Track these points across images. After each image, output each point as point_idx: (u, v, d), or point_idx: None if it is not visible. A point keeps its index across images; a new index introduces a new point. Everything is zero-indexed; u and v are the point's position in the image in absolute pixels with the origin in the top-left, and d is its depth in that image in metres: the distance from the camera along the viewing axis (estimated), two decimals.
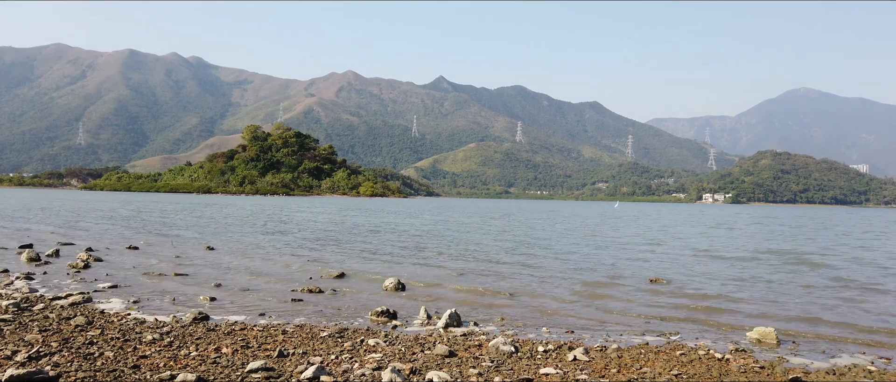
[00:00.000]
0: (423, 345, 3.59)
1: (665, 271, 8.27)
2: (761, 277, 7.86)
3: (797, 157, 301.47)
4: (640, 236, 16.72)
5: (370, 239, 13.19)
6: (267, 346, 3.40)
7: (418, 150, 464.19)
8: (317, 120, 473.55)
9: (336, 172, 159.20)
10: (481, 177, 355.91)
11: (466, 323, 4.40)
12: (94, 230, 13.91)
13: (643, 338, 4.10)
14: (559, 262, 9.16)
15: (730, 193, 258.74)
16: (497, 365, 3.17)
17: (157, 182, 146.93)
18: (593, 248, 12.00)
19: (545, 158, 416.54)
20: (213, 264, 7.81)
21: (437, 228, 18.07)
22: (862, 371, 3.34)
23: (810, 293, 6.52)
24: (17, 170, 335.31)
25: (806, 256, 11.34)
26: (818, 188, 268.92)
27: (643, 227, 22.45)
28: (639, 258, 10.17)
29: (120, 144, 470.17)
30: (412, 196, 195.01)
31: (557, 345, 3.73)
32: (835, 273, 8.56)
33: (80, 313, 4.17)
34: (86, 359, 2.93)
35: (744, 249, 12.76)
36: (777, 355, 3.69)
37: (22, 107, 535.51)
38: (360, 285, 6.32)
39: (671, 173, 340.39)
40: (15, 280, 5.79)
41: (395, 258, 9.39)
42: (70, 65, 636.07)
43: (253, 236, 13.01)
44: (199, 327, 3.92)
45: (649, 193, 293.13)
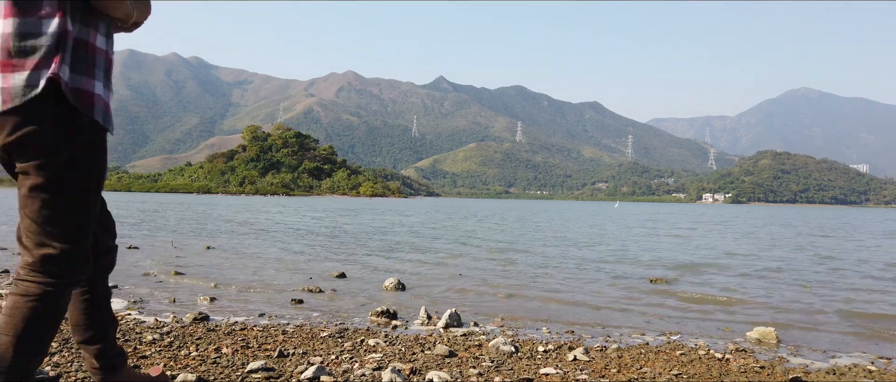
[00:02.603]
0: (423, 345, 3.59)
1: (665, 271, 8.27)
2: (762, 277, 7.87)
3: (797, 157, 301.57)
4: (640, 236, 16.74)
5: (371, 238, 13.20)
6: (267, 346, 3.40)
7: (418, 150, 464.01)
8: (317, 120, 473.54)
9: (336, 172, 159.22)
10: (481, 177, 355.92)
11: (466, 323, 4.40)
12: None
13: (643, 338, 4.10)
14: (559, 262, 9.17)
15: (730, 193, 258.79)
16: (497, 365, 3.17)
17: (157, 182, 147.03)
18: (594, 248, 12.00)
19: (545, 158, 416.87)
20: (212, 264, 7.82)
21: (438, 228, 18.08)
22: (862, 370, 3.34)
23: (811, 293, 6.52)
24: None
25: (806, 256, 11.35)
26: (818, 188, 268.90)
27: (643, 227, 22.47)
28: (639, 258, 10.18)
29: (120, 144, 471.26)
30: (412, 196, 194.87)
31: (557, 345, 3.73)
32: (836, 273, 8.57)
33: None
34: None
35: (744, 249, 12.77)
36: (777, 355, 3.70)
37: None
38: (360, 285, 6.33)
39: (671, 173, 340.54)
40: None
41: (396, 258, 9.40)
42: None
43: (253, 236, 13.03)
44: (199, 327, 3.92)
45: (649, 193, 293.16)
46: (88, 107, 1.62)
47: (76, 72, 1.60)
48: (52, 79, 1.54)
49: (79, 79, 1.61)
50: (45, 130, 1.55)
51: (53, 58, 1.55)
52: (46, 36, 1.55)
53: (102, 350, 1.97)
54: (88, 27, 1.64)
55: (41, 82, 1.54)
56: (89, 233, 1.71)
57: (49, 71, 1.55)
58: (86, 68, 1.63)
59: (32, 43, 1.54)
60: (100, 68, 1.67)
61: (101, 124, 1.65)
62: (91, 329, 1.94)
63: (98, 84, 1.65)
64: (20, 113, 1.54)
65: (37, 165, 1.57)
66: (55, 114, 1.56)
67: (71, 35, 1.58)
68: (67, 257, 1.66)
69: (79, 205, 1.65)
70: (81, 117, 1.61)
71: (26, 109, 1.54)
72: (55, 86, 1.56)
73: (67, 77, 1.58)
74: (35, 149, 1.56)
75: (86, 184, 1.65)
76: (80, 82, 1.61)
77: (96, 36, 1.66)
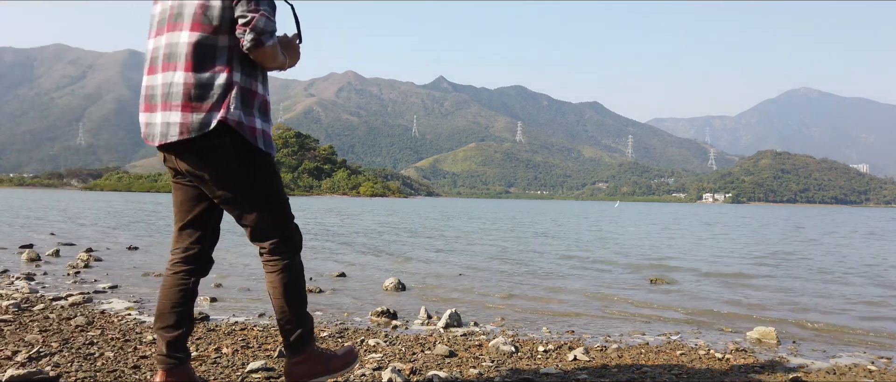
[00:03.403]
0: (423, 345, 3.59)
1: (665, 271, 8.27)
2: (762, 277, 7.87)
3: (797, 157, 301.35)
4: (640, 236, 16.74)
5: (371, 238, 13.20)
6: (267, 346, 3.41)
7: (418, 150, 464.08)
8: (317, 120, 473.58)
9: (336, 172, 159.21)
10: (481, 177, 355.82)
11: (467, 323, 4.40)
12: (94, 230, 13.93)
13: (643, 338, 4.10)
14: (560, 262, 9.17)
15: (730, 193, 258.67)
16: (497, 365, 3.18)
17: (158, 182, 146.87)
18: (594, 248, 12.00)
19: (545, 158, 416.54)
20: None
21: (437, 228, 18.08)
22: (862, 370, 3.34)
23: (811, 293, 6.52)
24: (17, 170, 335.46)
25: (807, 256, 11.34)
26: (818, 188, 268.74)
27: (643, 227, 22.47)
28: (640, 258, 10.18)
29: (120, 144, 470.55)
30: (412, 196, 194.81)
31: (557, 345, 3.73)
32: (836, 273, 8.57)
33: (81, 313, 4.17)
34: (86, 359, 2.93)
35: (745, 249, 12.77)
36: (777, 355, 3.70)
37: (22, 107, 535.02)
38: (360, 285, 6.33)
39: (671, 173, 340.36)
40: (15, 280, 5.80)
41: (396, 257, 9.40)
42: (70, 65, 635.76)
43: None
44: (199, 327, 3.92)
45: (649, 193, 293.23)
46: (252, 137, 2.11)
47: (242, 112, 2.09)
48: (222, 120, 2.04)
49: (244, 117, 2.09)
50: (219, 158, 2.08)
51: (223, 102, 2.04)
52: (218, 86, 2.04)
53: (176, 339, 2.24)
54: (250, 77, 2.12)
55: (213, 121, 2.03)
56: (289, 218, 2.30)
57: (219, 113, 2.04)
58: (248, 109, 2.11)
59: (208, 91, 2.03)
60: (258, 108, 2.16)
61: (263, 149, 2.16)
62: (174, 316, 2.25)
63: (258, 120, 2.14)
64: (197, 143, 2.05)
65: (221, 184, 2.12)
66: (226, 144, 2.07)
67: (237, 85, 2.07)
68: (285, 240, 2.30)
69: (271, 206, 2.23)
70: (248, 145, 2.11)
71: (203, 141, 2.04)
72: (224, 124, 2.05)
73: (234, 116, 2.06)
74: (214, 171, 2.10)
75: (267, 191, 2.20)
76: (245, 119, 2.09)
77: (256, 84, 2.15)
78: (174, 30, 2.07)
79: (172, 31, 2.08)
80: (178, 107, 2.03)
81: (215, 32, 2.04)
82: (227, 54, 2.06)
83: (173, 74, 2.04)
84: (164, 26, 2.11)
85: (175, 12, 2.08)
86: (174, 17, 2.08)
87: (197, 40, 2.03)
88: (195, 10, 2.05)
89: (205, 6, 2.04)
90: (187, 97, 2.03)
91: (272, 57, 2.09)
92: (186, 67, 2.03)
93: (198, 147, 2.06)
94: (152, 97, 2.11)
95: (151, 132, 2.10)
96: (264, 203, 2.20)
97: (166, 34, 2.10)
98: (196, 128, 2.02)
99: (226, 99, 2.04)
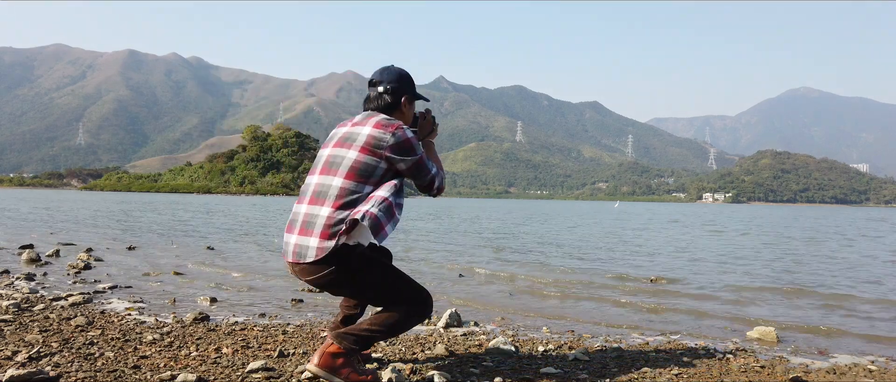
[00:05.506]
0: (423, 345, 3.60)
1: (666, 270, 8.27)
2: (762, 276, 7.87)
3: (797, 157, 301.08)
4: (641, 236, 16.73)
5: None
6: (267, 346, 3.41)
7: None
8: (317, 120, 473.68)
9: None
10: (481, 177, 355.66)
11: (466, 323, 4.40)
12: (94, 230, 13.92)
13: (643, 338, 4.10)
14: (560, 262, 9.17)
15: (730, 193, 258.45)
16: (497, 365, 3.18)
17: (158, 182, 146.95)
18: (594, 248, 12.00)
19: (545, 158, 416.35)
20: (213, 264, 7.82)
21: (437, 228, 18.07)
22: (862, 370, 3.34)
23: (811, 292, 6.52)
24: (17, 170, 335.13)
25: (807, 256, 11.35)
26: (818, 187, 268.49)
27: (644, 227, 22.46)
28: (640, 257, 10.18)
29: (120, 144, 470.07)
30: (412, 196, 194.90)
31: (558, 345, 3.73)
32: (837, 272, 8.57)
33: (81, 313, 4.17)
34: (86, 359, 2.93)
35: (745, 249, 12.77)
36: (777, 354, 3.70)
37: (22, 107, 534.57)
38: None
39: (671, 173, 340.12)
40: (15, 280, 5.79)
41: (395, 257, 9.38)
42: (70, 65, 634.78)
43: (253, 236, 13.02)
44: (199, 327, 3.92)
45: (649, 193, 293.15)
46: (381, 237, 2.49)
47: (380, 216, 2.47)
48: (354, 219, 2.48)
49: (379, 221, 2.46)
50: (348, 264, 2.54)
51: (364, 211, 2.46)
52: (364, 198, 2.54)
53: (345, 335, 2.63)
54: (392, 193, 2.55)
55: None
56: (410, 288, 2.72)
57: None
58: (384, 215, 2.48)
59: (358, 198, 2.53)
60: (389, 214, 2.52)
61: (378, 244, 2.61)
62: (348, 323, 2.89)
63: (389, 226, 2.51)
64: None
65: (356, 286, 2.66)
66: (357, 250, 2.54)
67: (387, 199, 2.51)
68: (410, 309, 2.69)
69: (391, 287, 2.69)
70: (371, 245, 2.60)
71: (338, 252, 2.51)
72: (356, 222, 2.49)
73: (369, 220, 2.45)
74: (348, 273, 2.57)
75: (385, 275, 2.69)
76: (381, 223, 2.47)
77: (395, 198, 2.57)
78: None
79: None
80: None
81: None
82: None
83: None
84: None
85: None
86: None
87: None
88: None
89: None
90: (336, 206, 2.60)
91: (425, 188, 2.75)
92: (347, 175, 2.59)
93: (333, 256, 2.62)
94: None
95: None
96: (382, 288, 2.73)
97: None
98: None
99: (367, 208, 2.58)
